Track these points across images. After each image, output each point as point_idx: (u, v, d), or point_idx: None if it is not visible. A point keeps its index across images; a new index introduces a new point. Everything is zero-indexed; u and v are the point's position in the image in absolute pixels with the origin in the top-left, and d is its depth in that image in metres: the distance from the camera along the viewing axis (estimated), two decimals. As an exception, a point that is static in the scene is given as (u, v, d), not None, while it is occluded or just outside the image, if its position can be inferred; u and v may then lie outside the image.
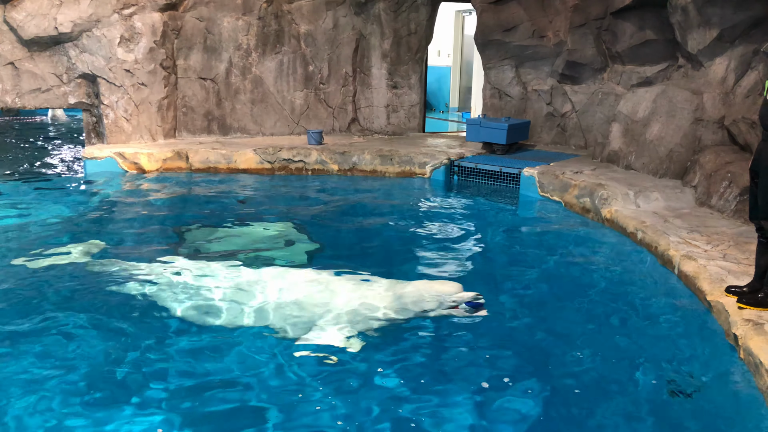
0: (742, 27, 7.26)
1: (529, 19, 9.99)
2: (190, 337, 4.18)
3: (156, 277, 5.07)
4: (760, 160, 3.99)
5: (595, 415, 3.45)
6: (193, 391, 3.53)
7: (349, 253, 6.06)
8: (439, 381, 3.68)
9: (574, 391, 3.65)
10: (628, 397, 3.60)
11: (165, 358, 3.89)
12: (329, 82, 11.12)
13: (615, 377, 3.80)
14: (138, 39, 9.60)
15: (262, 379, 3.66)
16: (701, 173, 6.99)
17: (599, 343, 4.24)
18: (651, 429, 3.30)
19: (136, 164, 9.02)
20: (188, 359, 3.91)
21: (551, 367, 3.91)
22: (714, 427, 3.29)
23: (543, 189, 8.04)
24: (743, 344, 3.73)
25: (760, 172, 3.97)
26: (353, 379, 3.66)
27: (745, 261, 4.94)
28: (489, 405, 3.48)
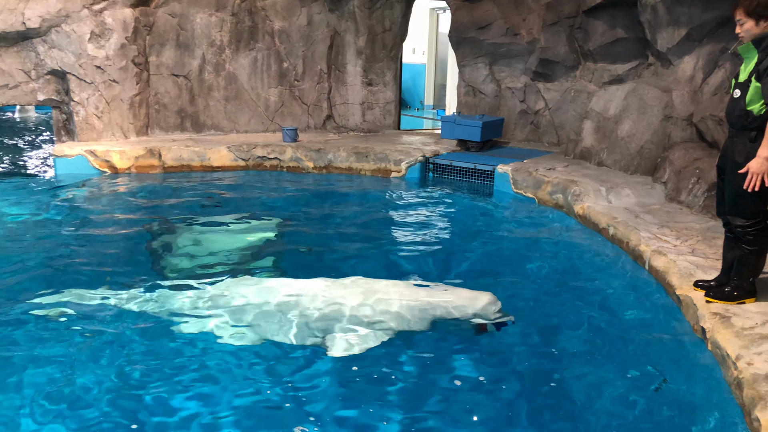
0: (710, 26, 7.41)
1: (503, 17, 10.07)
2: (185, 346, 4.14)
3: (127, 281, 5.00)
4: (727, 157, 4.07)
5: (564, 406, 3.50)
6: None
7: (329, 251, 6.04)
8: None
9: (545, 382, 3.70)
10: (597, 389, 3.66)
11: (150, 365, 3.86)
12: (304, 79, 11.08)
13: (585, 370, 3.86)
14: (109, 35, 9.45)
15: (278, 385, 3.64)
16: (671, 169, 7.12)
17: (570, 336, 4.31)
18: (620, 419, 3.36)
19: (108, 162, 8.90)
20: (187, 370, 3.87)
21: (522, 359, 3.96)
22: (682, 418, 3.35)
23: (517, 186, 8.12)
24: (711, 337, 3.82)
25: (727, 169, 4.05)
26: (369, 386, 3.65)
27: (713, 255, 5.05)
28: (461, 396, 3.52)
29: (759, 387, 3.10)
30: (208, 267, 5.39)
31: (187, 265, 5.47)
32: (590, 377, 3.79)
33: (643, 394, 3.59)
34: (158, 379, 3.63)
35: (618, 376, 3.79)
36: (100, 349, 3.93)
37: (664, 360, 3.95)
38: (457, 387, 3.64)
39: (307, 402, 3.45)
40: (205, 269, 5.32)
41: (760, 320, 3.83)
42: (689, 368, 3.82)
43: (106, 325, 4.24)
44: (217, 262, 5.51)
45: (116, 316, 4.38)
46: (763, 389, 3.07)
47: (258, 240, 6.24)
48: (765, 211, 3.99)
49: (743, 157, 3.87)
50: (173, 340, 4.07)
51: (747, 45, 3.87)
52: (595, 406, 3.50)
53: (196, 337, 4.11)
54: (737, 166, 3.90)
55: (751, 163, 3.76)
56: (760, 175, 3.73)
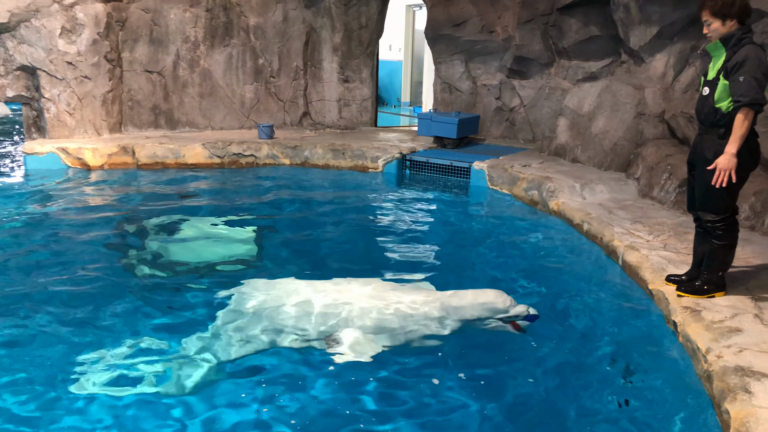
0: (680, 24, 7.52)
1: (479, 15, 10.11)
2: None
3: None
4: (697, 153, 4.14)
5: (536, 399, 3.54)
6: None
7: (307, 248, 6.03)
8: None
9: (517, 375, 3.74)
10: (571, 383, 3.71)
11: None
12: (280, 75, 11.02)
13: (560, 362, 3.91)
14: (80, 30, 9.30)
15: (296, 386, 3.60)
16: (643, 166, 7.22)
17: (547, 330, 4.35)
18: (594, 413, 3.41)
19: (80, 160, 8.76)
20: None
21: (493, 353, 4.00)
22: (654, 410, 3.41)
23: (492, 182, 8.18)
24: (682, 331, 3.89)
25: (697, 165, 4.12)
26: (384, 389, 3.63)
27: (684, 250, 5.13)
28: (437, 392, 3.54)
29: (728, 379, 3.17)
30: (183, 265, 5.34)
31: (161, 263, 5.41)
32: (564, 371, 3.83)
33: (617, 388, 3.65)
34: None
35: (591, 370, 3.84)
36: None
37: (637, 353, 4.01)
38: (429, 381, 3.66)
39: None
40: (180, 268, 5.28)
41: (729, 314, 3.91)
42: (662, 362, 3.89)
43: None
44: (193, 261, 5.47)
45: (81, 318, 4.33)
46: (732, 381, 3.14)
47: (234, 238, 6.20)
48: (734, 207, 4.07)
49: (712, 153, 3.94)
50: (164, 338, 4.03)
51: (715, 43, 3.94)
52: (569, 399, 3.54)
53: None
54: (707, 162, 3.97)
55: (719, 160, 3.83)
56: (728, 171, 3.80)
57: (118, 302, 4.53)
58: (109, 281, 4.93)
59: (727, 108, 3.85)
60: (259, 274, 5.07)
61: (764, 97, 3.76)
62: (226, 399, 3.46)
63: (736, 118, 3.77)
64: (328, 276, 4.74)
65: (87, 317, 4.32)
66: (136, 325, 4.22)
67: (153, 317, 4.34)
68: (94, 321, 4.27)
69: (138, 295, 4.68)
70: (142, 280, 5.01)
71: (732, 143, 3.79)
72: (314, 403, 3.43)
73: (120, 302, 4.53)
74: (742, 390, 3.05)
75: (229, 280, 4.88)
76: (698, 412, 3.32)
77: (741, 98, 3.74)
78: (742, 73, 3.74)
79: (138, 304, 4.54)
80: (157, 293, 4.72)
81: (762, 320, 3.81)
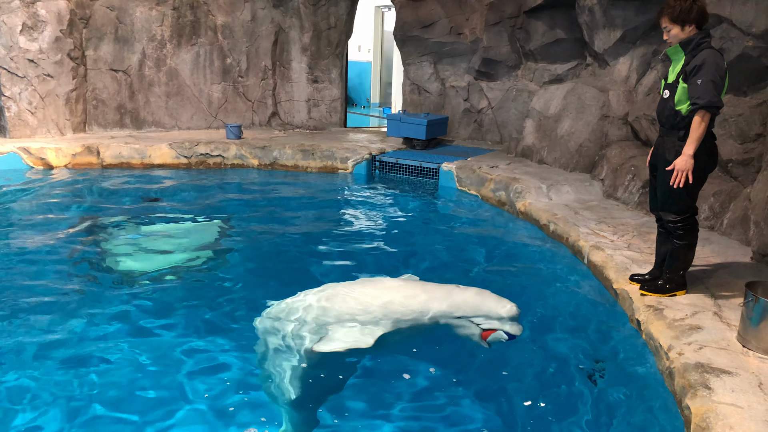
0: (643, 29, 7.69)
1: (447, 16, 10.19)
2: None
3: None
4: (658, 155, 4.25)
5: (503, 396, 3.59)
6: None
7: (278, 251, 5.99)
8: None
9: (485, 374, 3.79)
10: (538, 380, 3.76)
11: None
12: (248, 75, 10.95)
13: (527, 361, 3.96)
14: (42, 27, 9.10)
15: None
16: (608, 167, 7.36)
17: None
18: (559, 410, 3.47)
19: (43, 160, 8.57)
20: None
21: (461, 351, 4.03)
22: (619, 406, 3.49)
23: (461, 183, 8.25)
24: (645, 329, 3.98)
25: (658, 166, 4.22)
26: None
27: (647, 250, 5.25)
28: (407, 394, 3.57)
29: (689, 376, 3.26)
30: (149, 268, 5.27)
31: (123, 265, 5.33)
32: (531, 368, 3.89)
33: (583, 385, 3.72)
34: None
35: (558, 368, 3.90)
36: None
37: (602, 352, 4.09)
38: (403, 378, 3.69)
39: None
40: (146, 270, 5.21)
41: (689, 311, 4.01)
42: (626, 359, 3.97)
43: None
44: (159, 263, 5.40)
45: (55, 321, 4.24)
46: (693, 378, 3.23)
47: (201, 239, 6.14)
48: (694, 207, 4.19)
49: (673, 154, 4.04)
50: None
51: (675, 47, 4.04)
52: (535, 397, 3.60)
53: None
54: (667, 163, 4.07)
55: (677, 161, 3.94)
56: (686, 172, 3.91)
57: (78, 305, 4.45)
58: (70, 284, 4.83)
59: (687, 110, 3.95)
60: (225, 275, 5.03)
61: (721, 101, 3.87)
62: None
63: (694, 120, 3.88)
64: (294, 277, 4.71)
65: (45, 321, 4.23)
66: (93, 327, 4.16)
67: (114, 319, 4.28)
68: (52, 324, 4.19)
69: (97, 297, 4.60)
70: (104, 282, 4.92)
71: (689, 145, 3.89)
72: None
73: (80, 304, 4.45)
74: (702, 386, 3.14)
75: (192, 282, 4.84)
76: (662, 409, 3.39)
77: (698, 101, 3.84)
78: (700, 77, 3.84)
79: (97, 305, 4.46)
80: (117, 295, 4.65)
81: (721, 318, 3.93)
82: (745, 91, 5.78)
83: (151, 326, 4.23)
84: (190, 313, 4.38)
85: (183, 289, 4.77)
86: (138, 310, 4.43)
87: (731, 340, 3.63)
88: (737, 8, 5.53)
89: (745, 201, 5.51)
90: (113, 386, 3.52)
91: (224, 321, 4.34)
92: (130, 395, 3.46)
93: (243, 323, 4.24)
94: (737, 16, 5.54)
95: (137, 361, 3.78)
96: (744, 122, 5.65)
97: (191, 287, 4.80)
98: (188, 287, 4.80)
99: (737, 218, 5.53)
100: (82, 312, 4.36)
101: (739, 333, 3.63)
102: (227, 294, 4.81)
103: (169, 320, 4.30)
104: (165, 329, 4.18)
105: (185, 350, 3.92)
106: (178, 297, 4.64)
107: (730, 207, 5.68)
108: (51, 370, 3.65)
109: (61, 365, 3.70)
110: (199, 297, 4.68)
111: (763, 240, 4.87)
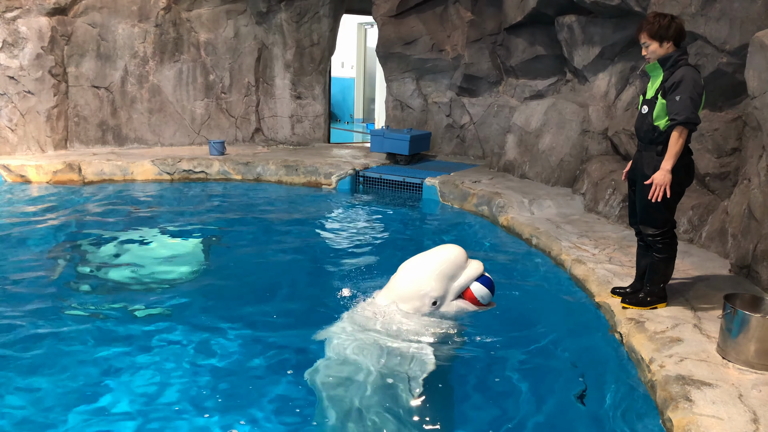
0: (621, 45, 7.83)
1: (428, 33, 10.29)
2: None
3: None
4: (637, 169, 4.31)
5: (487, 411, 3.59)
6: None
7: (261, 268, 5.96)
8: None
9: (468, 388, 3.79)
10: (521, 393, 3.77)
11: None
12: (231, 91, 10.96)
13: (509, 375, 3.97)
14: (23, 44, 9.07)
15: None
16: (588, 181, 7.46)
17: (494, 343, 4.41)
18: (542, 422, 3.48)
19: (23, 177, 8.50)
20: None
21: (449, 366, 4.04)
22: (602, 419, 3.51)
23: (444, 198, 8.30)
24: (626, 341, 4.02)
25: (637, 181, 4.29)
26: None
27: (628, 263, 5.32)
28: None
29: (670, 388, 3.29)
30: (131, 284, 5.23)
31: (104, 282, 5.28)
32: (513, 380, 3.90)
33: (565, 398, 3.74)
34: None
35: (540, 381, 3.92)
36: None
37: (585, 364, 4.11)
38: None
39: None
40: (128, 287, 5.17)
41: (670, 324, 4.07)
42: (609, 372, 4.00)
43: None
44: (140, 280, 5.36)
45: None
46: (674, 390, 3.26)
47: (182, 257, 6.10)
48: (672, 221, 4.25)
49: (651, 169, 4.11)
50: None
51: (654, 64, 4.13)
52: (519, 409, 3.61)
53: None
54: (645, 177, 4.13)
55: (655, 175, 4.00)
56: (663, 186, 3.98)
57: (55, 324, 4.39)
58: (48, 302, 4.78)
59: (665, 126, 4.03)
60: (207, 292, 5.02)
61: (698, 117, 3.95)
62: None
63: (672, 135, 3.95)
64: (278, 292, 4.71)
65: (21, 337, 4.18)
66: (71, 343, 4.12)
67: (94, 338, 4.23)
68: (32, 341, 4.14)
69: (77, 317, 4.55)
70: (84, 300, 4.87)
71: (667, 160, 3.96)
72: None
73: (57, 324, 4.40)
74: (683, 398, 3.17)
75: (174, 299, 4.82)
76: (644, 421, 3.41)
77: (676, 117, 3.92)
78: (679, 93, 3.92)
79: (77, 324, 4.42)
80: (98, 313, 4.60)
81: (701, 330, 3.98)
82: (720, 107, 5.90)
83: (133, 342, 4.19)
84: (169, 329, 4.35)
85: (164, 305, 4.73)
86: (118, 325, 4.39)
87: (711, 352, 3.68)
88: (711, 25, 5.66)
89: (722, 214, 5.60)
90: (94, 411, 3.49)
91: (207, 335, 4.31)
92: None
93: (225, 338, 4.23)
94: (711, 33, 5.67)
95: (115, 378, 3.75)
96: (720, 137, 5.76)
97: (173, 303, 4.76)
98: (170, 303, 4.76)
99: (715, 231, 5.62)
100: (61, 331, 4.30)
101: (718, 345, 3.68)
102: (210, 309, 4.78)
103: (151, 336, 4.26)
104: (146, 344, 4.15)
105: (167, 363, 3.89)
106: (160, 314, 4.60)
107: (708, 220, 5.78)
108: (27, 391, 3.61)
109: (37, 387, 3.65)
110: (180, 312, 4.64)
111: (741, 252, 4.96)
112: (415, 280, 3.90)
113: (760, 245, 4.68)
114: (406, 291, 3.89)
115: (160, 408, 3.49)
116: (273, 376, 3.83)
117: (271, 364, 3.96)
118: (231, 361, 3.98)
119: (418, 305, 3.87)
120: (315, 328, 4.46)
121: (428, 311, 3.87)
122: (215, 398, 3.58)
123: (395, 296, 3.91)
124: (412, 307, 3.87)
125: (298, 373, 3.84)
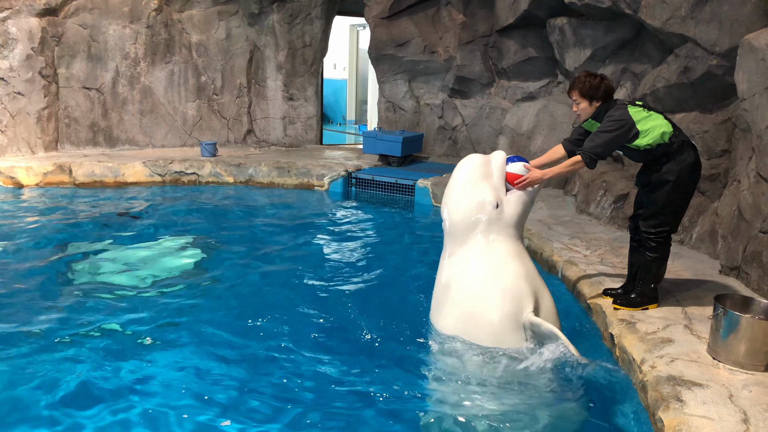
0: (611, 48, 7.86)
1: (421, 35, 10.31)
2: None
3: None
4: (639, 179, 4.40)
5: (482, 409, 3.59)
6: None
7: (253, 271, 5.95)
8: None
9: (460, 388, 3.79)
10: (515, 394, 3.78)
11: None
12: (223, 93, 10.94)
13: (499, 374, 3.97)
14: (13, 45, 9.01)
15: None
16: (580, 183, 7.49)
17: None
18: (534, 423, 3.49)
19: (13, 179, 8.44)
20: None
21: (435, 375, 4.05)
22: (593, 419, 3.52)
23: (436, 199, 8.31)
24: (618, 342, 4.04)
25: (641, 189, 4.39)
26: None
27: (619, 264, 5.34)
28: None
29: (661, 389, 3.31)
30: (120, 287, 5.21)
31: (101, 285, 5.26)
32: (504, 380, 3.90)
33: (559, 398, 3.74)
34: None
35: (530, 381, 3.92)
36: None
37: (577, 364, 4.12)
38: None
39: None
40: (120, 289, 5.14)
41: (661, 325, 4.09)
42: (601, 373, 4.01)
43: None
44: (132, 282, 5.34)
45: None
46: (665, 391, 3.28)
47: (174, 258, 6.08)
48: (672, 225, 4.27)
49: (650, 178, 4.21)
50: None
51: (589, 121, 4.31)
52: (512, 410, 3.61)
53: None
54: (647, 186, 4.24)
55: (532, 172, 4.12)
56: (533, 183, 4.11)
57: (47, 325, 4.37)
58: (38, 304, 4.75)
59: (645, 145, 4.11)
60: (198, 295, 5.00)
61: (603, 152, 4.10)
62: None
63: (571, 159, 4.19)
64: (271, 294, 4.69)
65: (12, 339, 4.16)
66: (63, 347, 4.10)
67: (87, 341, 4.22)
68: (22, 342, 4.12)
69: (67, 316, 4.53)
70: (72, 304, 4.84)
71: (550, 171, 4.17)
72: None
73: (49, 326, 4.38)
74: (674, 399, 3.19)
75: (164, 302, 4.80)
76: (635, 422, 3.43)
77: (583, 144, 4.15)
78: (599, 127, 4.13)
79: (68, 323, 4.40)
80: (91, 315, 4.58)
81: (692, 331, 4.01)
82: (710, 109, 5.94)
83: (126, 345, 4.18)
84: (160, 331, 4.34)
85: (154, 309, 4.71)
86: (110, 327, 4.37)
87: (702, 352, 3.70)
88: (701, 28, 5.70)
89: (712, 216, 5.64)
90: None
91: (200, 337, 4.30)
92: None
93: (216, 340, 4.22)
94: (701, 36, 5.71)
95: (105, 383, 3.73)
96: (710, 139, 5.80)
97: (163, 306, 4.74)
98: (160, 306, 4.74)
99: (705, 232, 5.65)
100: (53, 332, 4.28)
101: (709, 345, 3.70)
102: (201, 311, 4.76)
103: (141, 340, 4.24)
104: (135, 348, 4.13)
105: (157, 367, 3.88)
106: (150, 316, 4.59)
107: (699, 221, 5.81)
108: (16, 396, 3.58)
109: (26, 390, 3.63)
110: (171, 315, 4.62)
111: (731, 253, 4.99)
112: (466, 205, 4.05)
113: (749, 246, 4.72)
114: (464, 218, 4.06)
115: (156, 412, 3.48)
116: (266, 378, 3.82)
117: (264, 365, 3.95)
118: (224, 365, 3.97)
119: (484, 218, 4.01)
120: (306, 330, 4.48)
121: (496, 216, 4.02)
122: (207, 405, 3.57)
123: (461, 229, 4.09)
124: (475, 223, 4.03)
125: (290, 376, 3.84)
